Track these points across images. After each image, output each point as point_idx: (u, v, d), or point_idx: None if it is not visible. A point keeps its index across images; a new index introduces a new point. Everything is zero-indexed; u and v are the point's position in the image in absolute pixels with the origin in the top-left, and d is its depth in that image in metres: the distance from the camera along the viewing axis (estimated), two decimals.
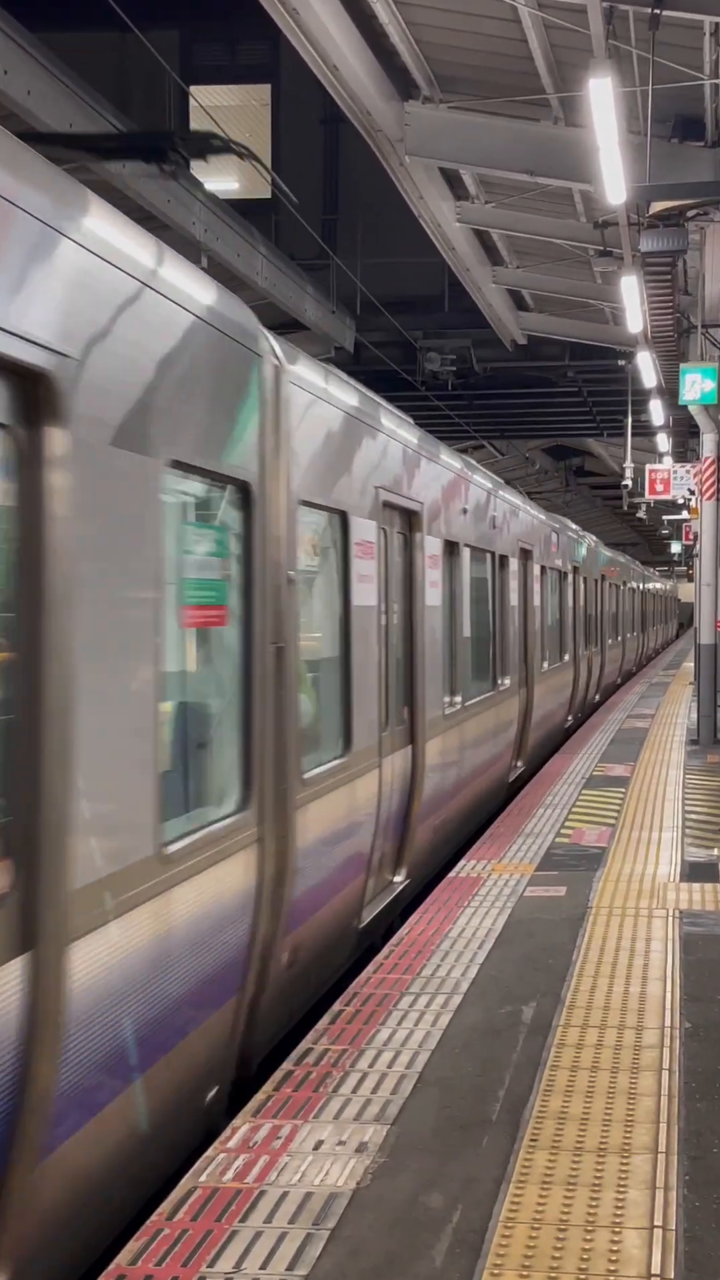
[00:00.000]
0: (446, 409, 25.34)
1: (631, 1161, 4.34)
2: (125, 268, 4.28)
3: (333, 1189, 4.14)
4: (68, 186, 4.04)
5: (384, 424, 8.11)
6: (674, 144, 13.10)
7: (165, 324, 4.60)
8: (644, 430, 27.33)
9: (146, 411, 4.39)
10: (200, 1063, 4.99)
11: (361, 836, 7.33)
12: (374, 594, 7.63)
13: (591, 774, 13.78)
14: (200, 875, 4.80)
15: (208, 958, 4.94)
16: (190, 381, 4.81)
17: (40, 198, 3.77)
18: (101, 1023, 3.99)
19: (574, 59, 12.04)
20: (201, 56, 24.85)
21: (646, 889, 8.26)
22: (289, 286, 18.67)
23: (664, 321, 15.71)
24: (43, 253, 3.77)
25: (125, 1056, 4.18)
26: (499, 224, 17.51)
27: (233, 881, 5.19)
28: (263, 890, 5.52)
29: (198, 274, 5.08)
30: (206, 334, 4.98)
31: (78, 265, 3.96)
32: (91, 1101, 3.99)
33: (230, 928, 5.17)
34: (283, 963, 5.87)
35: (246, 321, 5.54)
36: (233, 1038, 5.40)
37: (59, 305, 3.83)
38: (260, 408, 5.62)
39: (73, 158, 6.44)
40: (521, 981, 6.31)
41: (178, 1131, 4.86)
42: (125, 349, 4.25)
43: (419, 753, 8.93)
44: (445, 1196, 4.10)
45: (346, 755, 7.01)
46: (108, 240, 4.18)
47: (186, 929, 4.70)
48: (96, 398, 4.01)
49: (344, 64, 12.22)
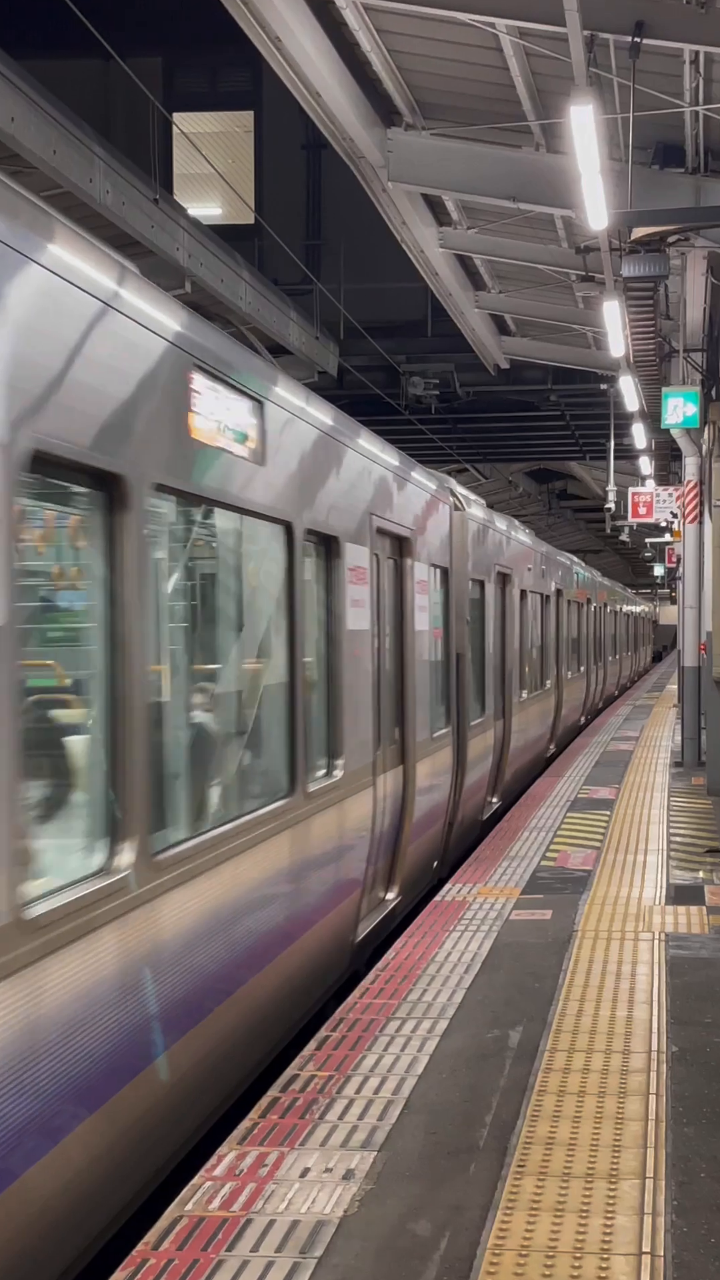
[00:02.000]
0: (429, 433, 25.41)
1: (619, 1187, 4.33)
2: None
3: (320, 1217, 4.12)
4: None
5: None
6: (655, 170, 13.19)
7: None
8: (626, 454, 27.43)
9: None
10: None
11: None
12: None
13: (576, 796, 13.78)
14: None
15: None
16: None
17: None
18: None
19: (555, 86, 12.12)
20: (184, 84, 24.96)
21: (632, 912, 8.25)
22: (272, 311, 18.73)
23: (646, 346, 15.79)
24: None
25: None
26: (481, 249, 17.60)
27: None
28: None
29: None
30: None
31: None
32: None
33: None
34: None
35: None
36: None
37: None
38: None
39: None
40: (508, 1006, 6.29)
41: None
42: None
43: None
44: (433, 1224, 4.08)
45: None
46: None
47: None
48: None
49: (326, 91, 12.28)
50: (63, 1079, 3.92)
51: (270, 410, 6.20)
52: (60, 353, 4.13)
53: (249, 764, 6.32)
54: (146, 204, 14.07)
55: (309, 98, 12.37)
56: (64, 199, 12.35)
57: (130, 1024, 4.39)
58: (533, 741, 17.10)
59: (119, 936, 4.32)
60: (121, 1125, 4.33)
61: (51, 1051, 3.85)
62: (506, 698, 14.47)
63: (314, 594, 7.08)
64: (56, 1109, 3.89)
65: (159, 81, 23.41)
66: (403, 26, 11.89)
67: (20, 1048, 3.68)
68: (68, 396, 4.15)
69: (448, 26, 11.57)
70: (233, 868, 5.45)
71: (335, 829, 7.17)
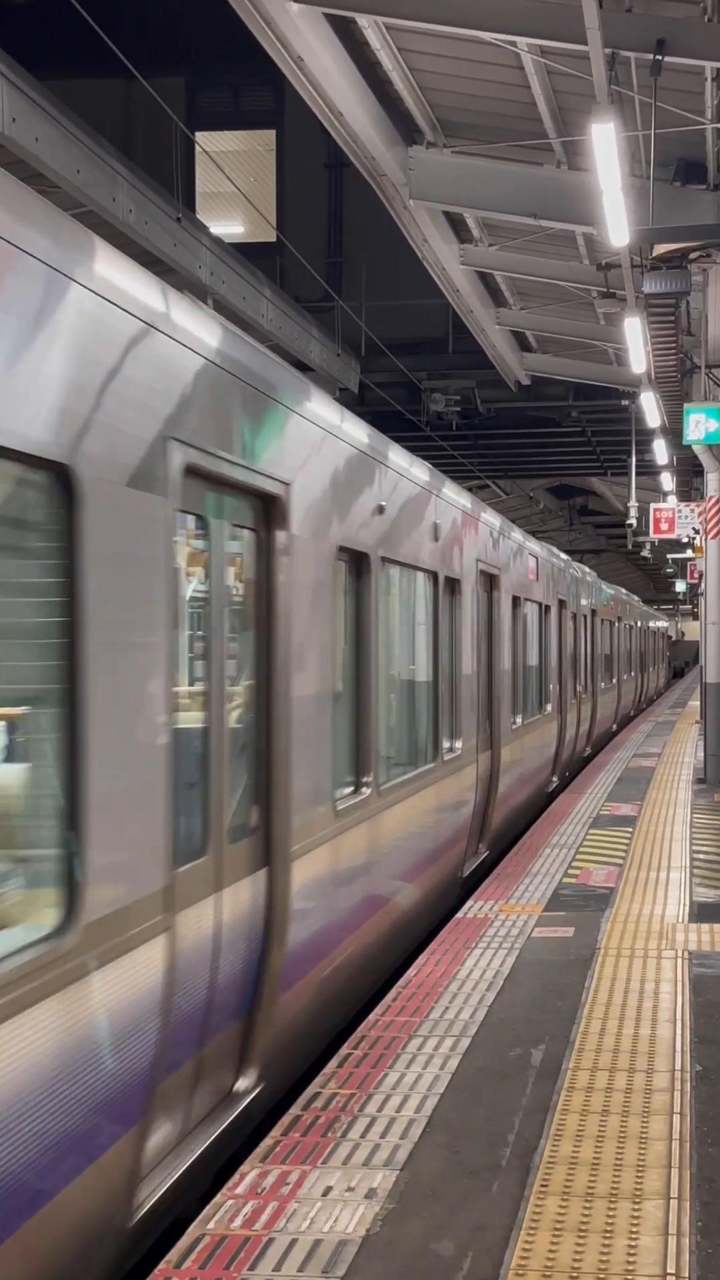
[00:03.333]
0: (451, 449, 25.44)
1: (643, 1207, 4.30)
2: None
3: (342, 1236, 4.11)
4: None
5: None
6: (676, 187, 13.22)
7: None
8: (648, 469, 27.41)
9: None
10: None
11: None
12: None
13: (598, 813, 13.74)
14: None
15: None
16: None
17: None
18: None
19: (576, 104, 12.16)
20: (206, 103, 25.12)
21: (655, 930, 8.22)
22: (294, 329, 18.80)
23: (667, 362, 15.79)
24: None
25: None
26: (503, 266, 17.64)
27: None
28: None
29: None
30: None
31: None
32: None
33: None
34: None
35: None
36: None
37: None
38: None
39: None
40: (530, 1024, 6.27)
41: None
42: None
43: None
44: (456, 1244, 4.06)
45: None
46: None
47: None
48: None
49: (348, 110, 12.34)
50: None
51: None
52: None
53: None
54: (169, 222, 14.15)
55: (331, 117, 12.44)
56: (88, 218, 12.44)
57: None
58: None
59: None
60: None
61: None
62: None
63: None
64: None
65: (182, 101, 23.57)
66: (424, 45, 11.95)
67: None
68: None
69: (469, 45, 11.62)
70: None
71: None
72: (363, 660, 7.31)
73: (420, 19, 10.84)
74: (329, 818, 6.36)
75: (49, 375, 3.73)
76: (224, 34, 16.03)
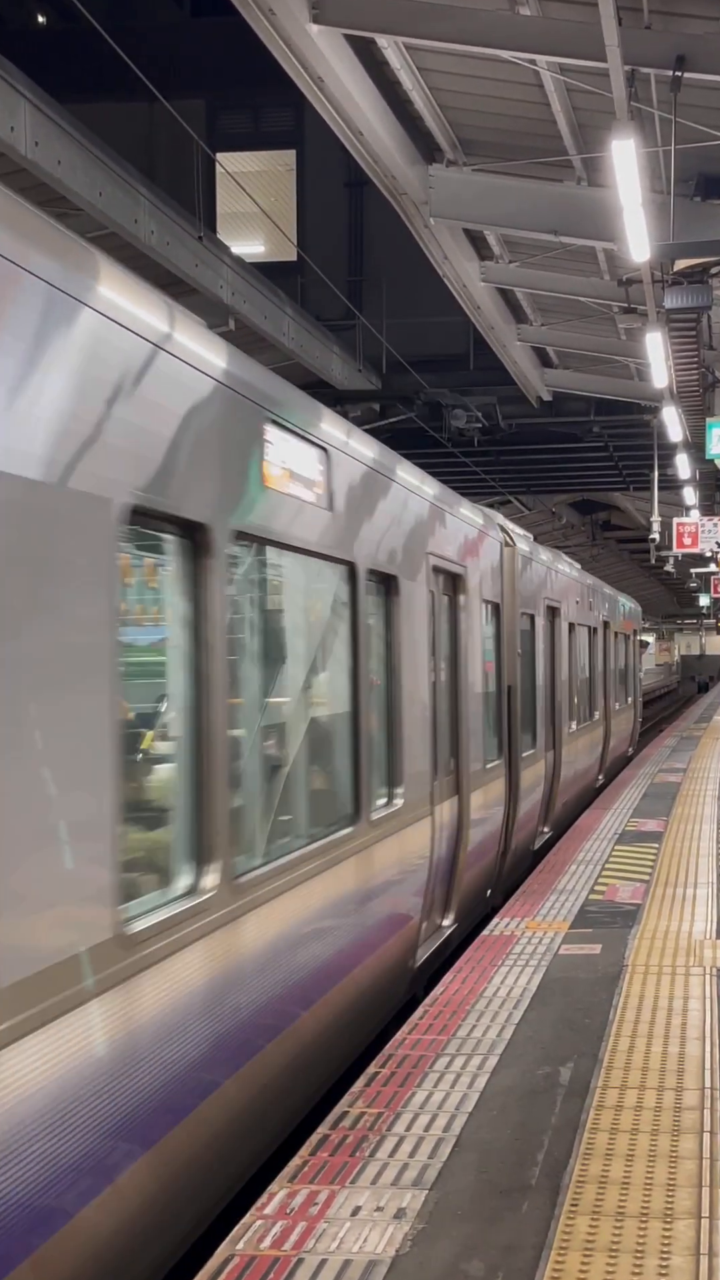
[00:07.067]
0: (473, 465, 25.44)
1: (674, 1227, 4.27)
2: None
3: (371, 1256, 4.09)
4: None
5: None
6: (696, 202, 13.21)
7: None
8: (670, 484, 27.34)
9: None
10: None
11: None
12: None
13: (624, 829, 13.69)
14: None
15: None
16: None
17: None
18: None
19: (596, 121, 12.18)
20: (227, 124, 25.27)
21: (683, 946, 8.18)
22: (315, 347, 18.86)
23: (689, 376, 15.77)
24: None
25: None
26: (523, 283, 17.65)
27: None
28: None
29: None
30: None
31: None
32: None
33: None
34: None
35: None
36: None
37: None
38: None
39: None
40: (558, 1042, 6.24)
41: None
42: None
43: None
44: (485, 1264, 4.04)
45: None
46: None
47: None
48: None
49: (368, 129, 12.39)
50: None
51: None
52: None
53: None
54: (191, 242, 14.23)
55: (351, 136, 12.48)
56: (109, 239, 12.52)
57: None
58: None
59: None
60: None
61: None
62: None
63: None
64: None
65: (202, 123, 23.70)
66: (443, 65, 11.99)
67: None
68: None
69: (488, 64, 11.65)
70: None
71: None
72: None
73: (440, 39, 10.87)
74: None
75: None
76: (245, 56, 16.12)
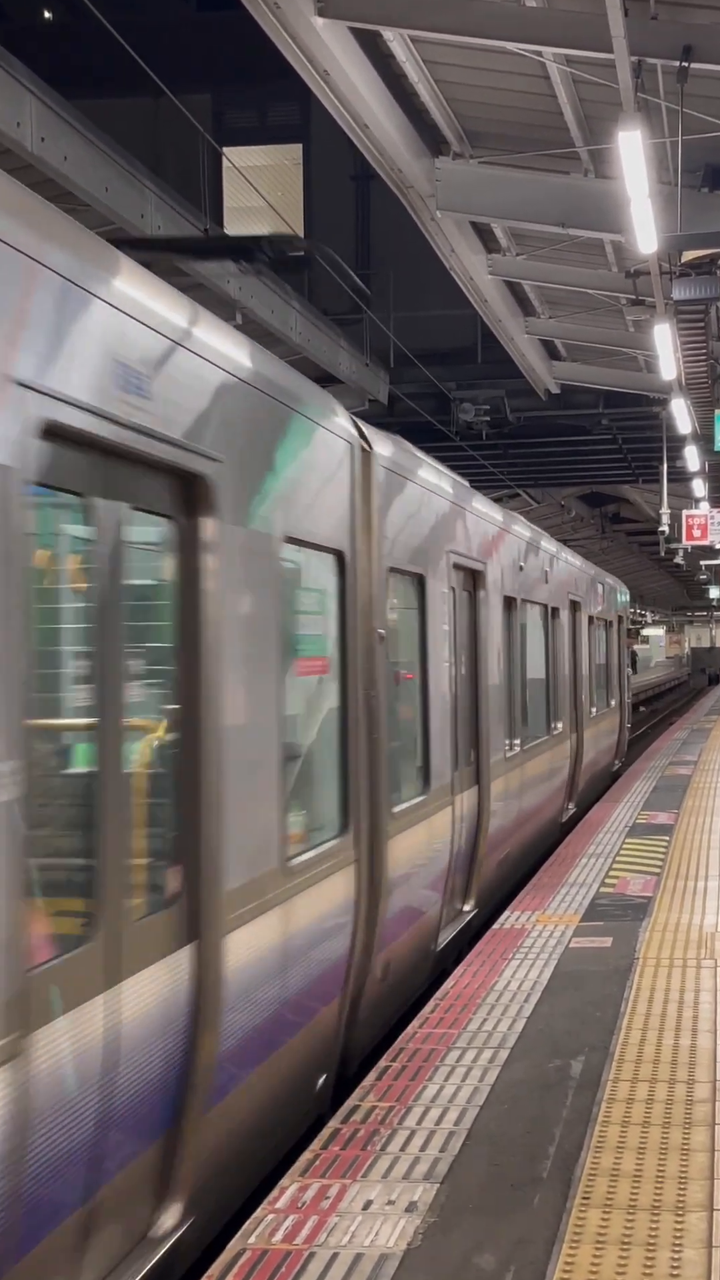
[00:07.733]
0: (481, 459, 25.41)
1: (686, 1220, 4.27)
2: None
3: (383, 1250, 4.10)
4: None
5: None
6: (704, 193, 13.16)
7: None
8: (680, 476, 27.29)
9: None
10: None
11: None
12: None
13: (635, 822, 13.68)
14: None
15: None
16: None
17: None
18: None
19: (603, 112, 12.14)
20: (233, 119, 25.25)
21: (694, 939, 8.17)
22: (323, 341, 18.84)
23: (697, 368, 15.74)
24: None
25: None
26: (531, 276, 17.61)
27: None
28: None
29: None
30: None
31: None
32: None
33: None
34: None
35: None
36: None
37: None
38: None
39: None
40: (569, 1035, 6.24)
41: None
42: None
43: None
44: (497, 1257, 4.05)
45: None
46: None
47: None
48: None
49: (374, 123, 12.36)
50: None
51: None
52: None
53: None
54: (197, 237, 14.20)
55: (357, 130, 12.46)
56: (116, 234, 12.50)
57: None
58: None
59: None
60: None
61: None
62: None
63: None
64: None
65: (209, 117, 23.69)
66: (449, 57, 11.95)
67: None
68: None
69: (494, 56, 11.62)
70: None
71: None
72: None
73: (445, 31, 10.84)
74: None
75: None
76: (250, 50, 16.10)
